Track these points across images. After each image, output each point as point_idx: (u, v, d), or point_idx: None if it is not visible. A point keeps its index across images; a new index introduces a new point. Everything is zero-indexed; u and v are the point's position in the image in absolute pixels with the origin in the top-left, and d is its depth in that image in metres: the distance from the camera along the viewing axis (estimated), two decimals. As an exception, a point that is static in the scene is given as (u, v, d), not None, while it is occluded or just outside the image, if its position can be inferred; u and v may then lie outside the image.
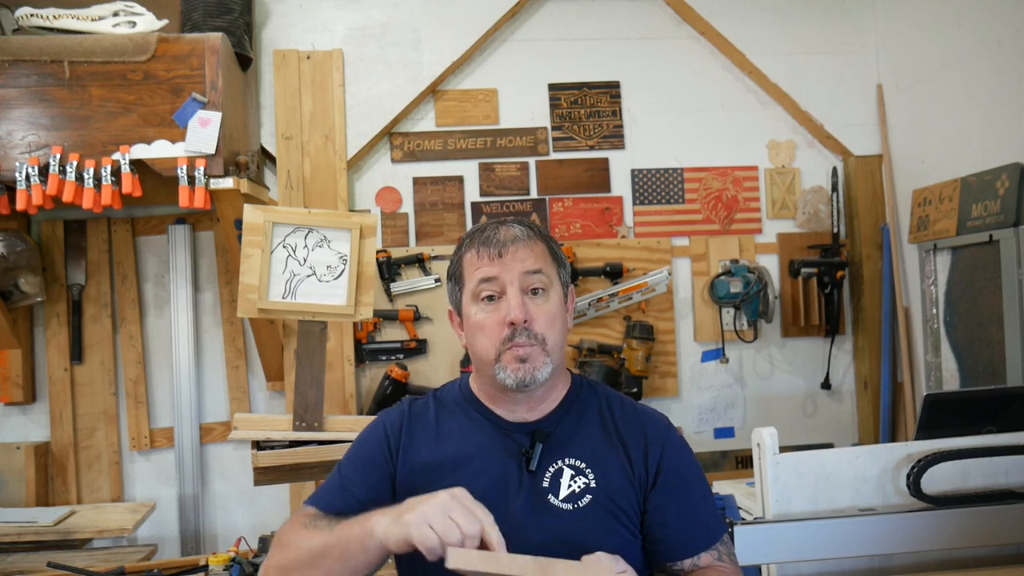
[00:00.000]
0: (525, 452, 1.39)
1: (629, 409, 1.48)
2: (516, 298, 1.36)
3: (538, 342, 1.36)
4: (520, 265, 1.37)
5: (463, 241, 1.45)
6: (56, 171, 2.57)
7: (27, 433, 3.20)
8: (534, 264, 1.38)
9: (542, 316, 1.37)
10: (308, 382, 2.49)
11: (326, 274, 2.50)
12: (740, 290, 3.40)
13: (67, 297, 3.20)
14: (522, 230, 1.41)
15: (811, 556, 1.75)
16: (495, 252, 1.38)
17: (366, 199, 3.42)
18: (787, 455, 1.80)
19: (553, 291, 1.40)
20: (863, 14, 3.59)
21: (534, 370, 1.35)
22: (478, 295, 1.39)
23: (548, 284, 1.39)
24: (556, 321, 1.39)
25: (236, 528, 3.18)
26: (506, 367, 1.36)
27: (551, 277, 1.40)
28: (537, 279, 1.38)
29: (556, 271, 1.42)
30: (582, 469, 1.38)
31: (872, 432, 3.53)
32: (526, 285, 1.37)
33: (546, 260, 1.41)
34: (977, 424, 1.94)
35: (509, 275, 1.37)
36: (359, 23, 3.35)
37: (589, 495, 1.36)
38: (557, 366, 1.41)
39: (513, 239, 1.39)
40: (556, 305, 1.40)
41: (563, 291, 1.44)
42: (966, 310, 3.03)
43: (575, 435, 1.42)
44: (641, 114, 3.56)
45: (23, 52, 2.63)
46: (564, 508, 1.35)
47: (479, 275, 1.38)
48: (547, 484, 1.37)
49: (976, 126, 2.99)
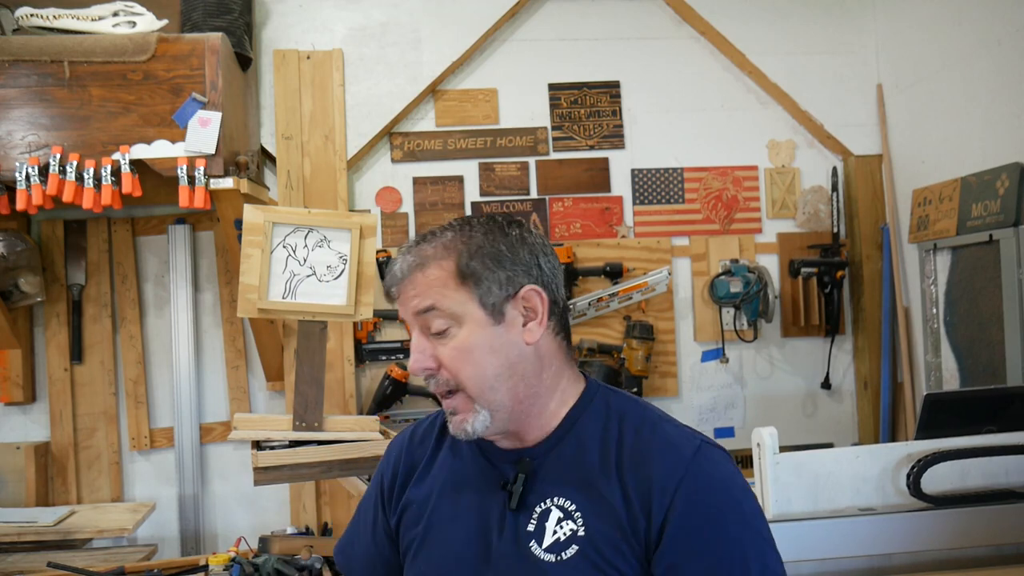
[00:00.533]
0: (505, 485, 1.16)
1: (646, 435, 1.15)
2: (415, 344, 1.16)
3: (452, 388, 1.14)
4: (409, 306, 1.15)
5: None
6: (56, 171, 2.57)
7: (27, 433, 3.20)
8: (422, 302, 1.13)
9: (446, 359, 1.13)
10: (308, 382, 2.49)
11: (326, 274, 2.50)
12: (740, 290, 3.40)
13: (67, 297, 3.20)
14: (409, 262, 1.15)
15: (811, 556, 1.75)
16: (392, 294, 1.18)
17: (366, 199, 3.42)
18: (787, 455, 1.80)
19: (462, 324, 1.13)
20: (863, 14, 3.59)
21: (462, 424, 1.15)
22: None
23: (452, 319, 1.13)
24: (470, 358, 1.13)
25: (236, 528, 3.18)
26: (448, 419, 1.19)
27: (454, 308, 1.13)
28: (430, 318, 1.13)
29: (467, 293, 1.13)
30: (571, 512, 1.12)
31: (872, 432, 3.53)
32: (427, 327, 1.14)
33: (445, 288, 1.13)
34: (977, 424, 1.94)
35: (407, 318, 1.16)
36: (359, 23, 3.35)
37: (576, 545, 1.11)
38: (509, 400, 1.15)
39: (400, 278, 1.16)
40: (466, 340, 1.13)
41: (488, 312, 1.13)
42: (966, 310, 3.03)
43: (571, 466, 1.15)
44: (641, 114, 3.56)
45: (23, 52, 2.63)
46: (546, 560, 1.11)
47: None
48: (532, 528, 1.14)
49: (976, 126, 2.99)
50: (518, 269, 1.15)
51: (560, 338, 1.20)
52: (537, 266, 1.16)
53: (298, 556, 2.43)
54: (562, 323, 1.20)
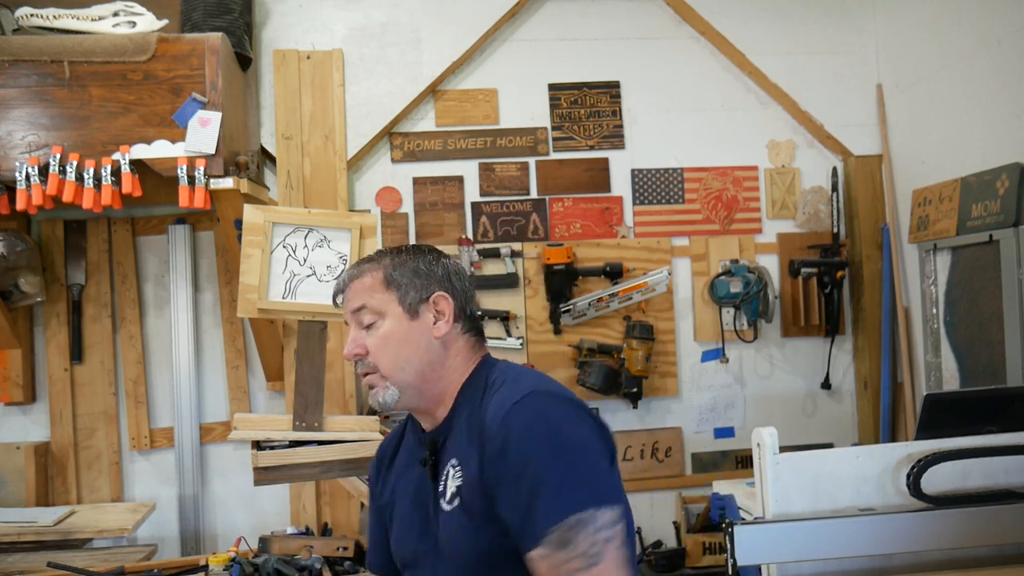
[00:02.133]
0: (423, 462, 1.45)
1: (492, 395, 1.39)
2: (350, 335, 1.48)
3: (372, 369, 1.45)
4: (347, 307, 1.48)
5: None
6: (56, 171, 2.57)
7: (27, 433, 3.20)
8: (357, 301, 1.47)
9: (371, 346, 1.45)
10: (308, 382, 2.49)
11: (326, 274, 2.50)
12: (740, 290, 3.40)
13: (67, 297, 3.20)
14: (350, 273, 1.50)
15: (811, 556, 1.75)
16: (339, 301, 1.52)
17: (366, 199, 3.42)
18: (787, 455, 1.81)
19: (385, 319, 1.44)
20: (863, 14, 3.59)
21: (377, 395, 1.46)
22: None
23: (377, 314, 1.45)
24: (389, 345, 1.44)
25: (236, 528, 3.18)
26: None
27: (380, 306, 1.44)
28: (363, 315, 1.46)
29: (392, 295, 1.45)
30: (456, 467, 1.38)
31: (872, 432, 3.53)
32: (360, 322, 1.47)
33: (374, 291, 1.45)
34: (977, 424, 1.94)
35: (347, 316, 1.49)
36: (359, 23, 3.35)
37: (458, 497, 1.36)
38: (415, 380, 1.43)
39: (343, 285, 1.50)
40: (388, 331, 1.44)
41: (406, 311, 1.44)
42: (966, 310, 3.03)
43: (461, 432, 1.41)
44: (641, 114, 3.56)
45: (23, 52, 2.63)
46: (447, 509, 1.38)
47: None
48: (441, 488, 1.40)
49: (976, 126, 2.99)
50: (432, 281, 1.47)
51: (469, 335, 1.49)
52: (448, 280, 1.49)
53: (298, 556, 2.43)
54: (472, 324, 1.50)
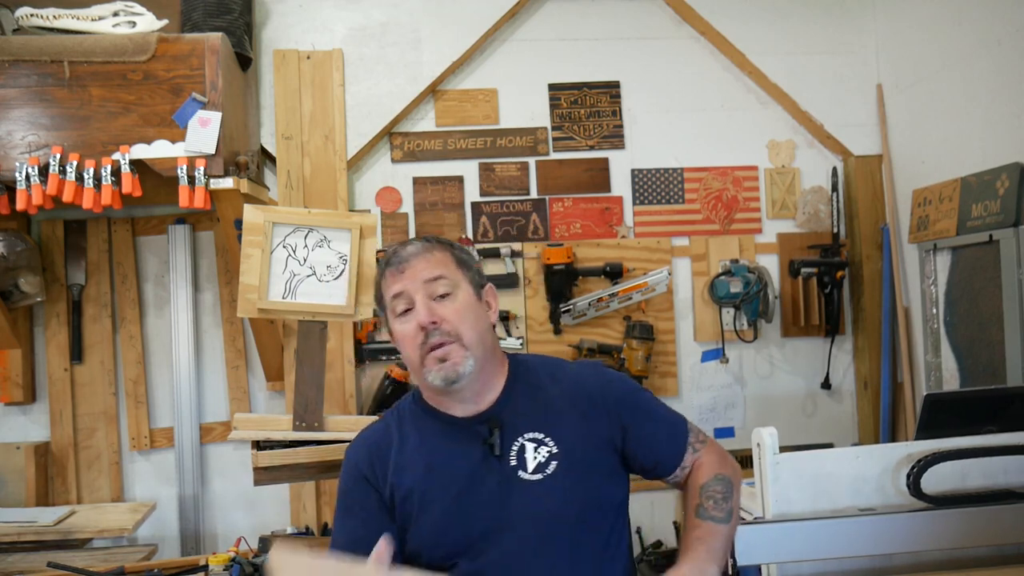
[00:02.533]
0: (487, 442, 1.50)
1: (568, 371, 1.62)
2: (422, 303, 1.49)
3: (453, 338, 1.48)
4: (421, 275, 1.51)
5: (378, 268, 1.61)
6: (56, 171, 2.57)
7: (27, 433, 3.20)
8: (433, 271, 1.51)
9: (451, 314, 1.49)
10: (308, 382, 2.49)
11: (326, 274, 2.50)
12: (740, 290, 3.40)
13: (67, 297, 3.20)
14: (420, 244, 1.56)
15: (811, 556, 1.75)
16: (398, 269, 1.53)
17: (366, 199, 3.42)
18: (787, 455, 1.81)
19: (460, 291, 1.52)
20: (863, 14, 3.59)
21: (455, 366, 1.47)
22: (395, 311, 1.53)
23: (453, 286, 1.52)
24: (467, 315, 1.51)
25: (236, 528, 3.18)
26: (430, 369, 1.49)
27: (455, 280, 1.53)
28: (440, 284, 1.51)
29: (462, 274, 1.55)
30: (542, 439, 1.50)
31: (872, 432, 3.53)
32: (431, 292, 1.50)
33: (448, 266, 1.54)
34: (977, 424, 1.94)
35: (414, 285, 1.51)
36: (359, 23, 3.35)
37: (555, 461, 1.48)
38: (484, 356, 1.52)
39: (412, 254, 1.54)
40: (465, 302, 1.52)
41: (475, 290, 1.56)
42: (966, 310, 3.03)
43: (526, 411, 1.53)
44: (641, 114, 3.56)
45: (23, 52, 2.63)
46: (535, 479, 1.47)
47: (391, 292, 1.53)
48: (514, 462, 1.49)
49: (976, 126, 2.99)
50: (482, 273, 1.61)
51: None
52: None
53: (298, 556, 2.43)
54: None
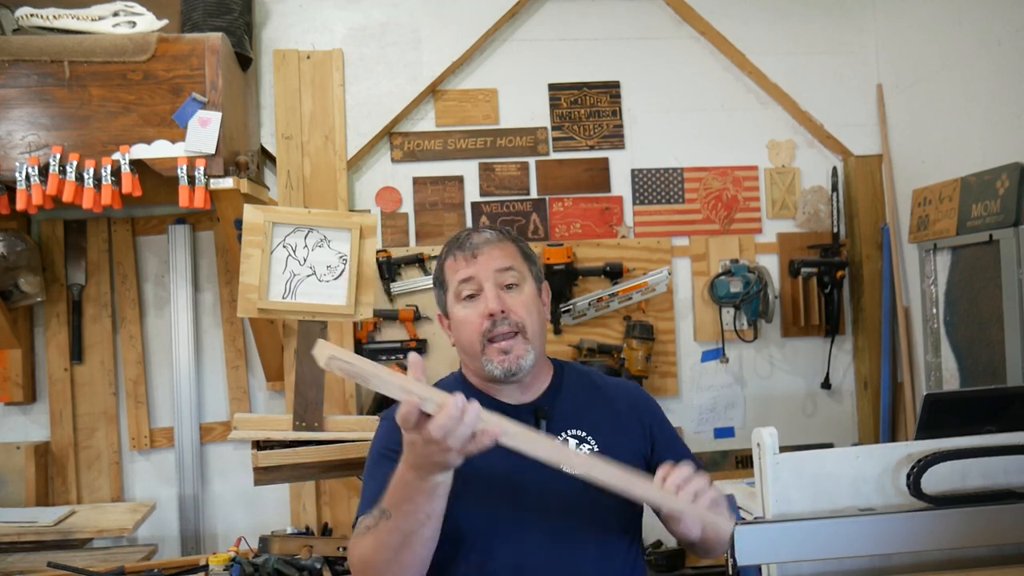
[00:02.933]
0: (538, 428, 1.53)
1: (610, 382, 1.69)
2: (492, 292, 1.51)
3: (519, 330, 1.51)
4: (493, 264, 1.53)
5: (444, 249, 1.61)
6: (56, 171, 2.57)
7: (27, 433, 3.20)
8: (505, 262, 1.54)
9: (519, 306, 1.52)
10: (308, 382, 2.49)
11: (326, 274, 2.50)
12: (740, 290, 3.40)
13: (67, 297, 3.20)
14: (492, 234, 1.58)
15: (811, 556, 1.75)
16: (470, 255, 1.54)
17: (366, 199, 3.42)
18: (787, 455, 1.81)
19: (527, 285, 1.56)
20: (863, 14, 3.59)
21: (518, 359, 1.50)
22: (460, 295, 1.54)
23: (521, 279, 1.55)
24: (532, 308, 1.54)
25: (236, 528, 3.18)
26: (491, 360, 1.51)
27: (523, 273, 1.56)
28: (510, 275, 1.54)
29: (527, 268, 1.59)
30: (584, 438, 1.55)
31: (872, 432, 3.53)
32: (500, 281, 1.53)
33: (517, 258, 1.57)
34: (977, 424, 1.94)
35: (484, 273, 1.53)
36: (359, 23, 3.35)
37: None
38: (540, 352, 1.56)
39: (485, 242, 1.56)
40: (531, 296, 1.55)
41: (536, 286, 1.59)
42: (966, 310, 3.03)
43: (571, 409, 1.58)
44: (641, 114, 3.56)
45: (23, 52, 2.63)
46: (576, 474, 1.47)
47: (458, 277, 1.55)
48: None
49: (976, 126, 2.99)
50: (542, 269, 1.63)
51: None
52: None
53: (298, 556, 2.43)
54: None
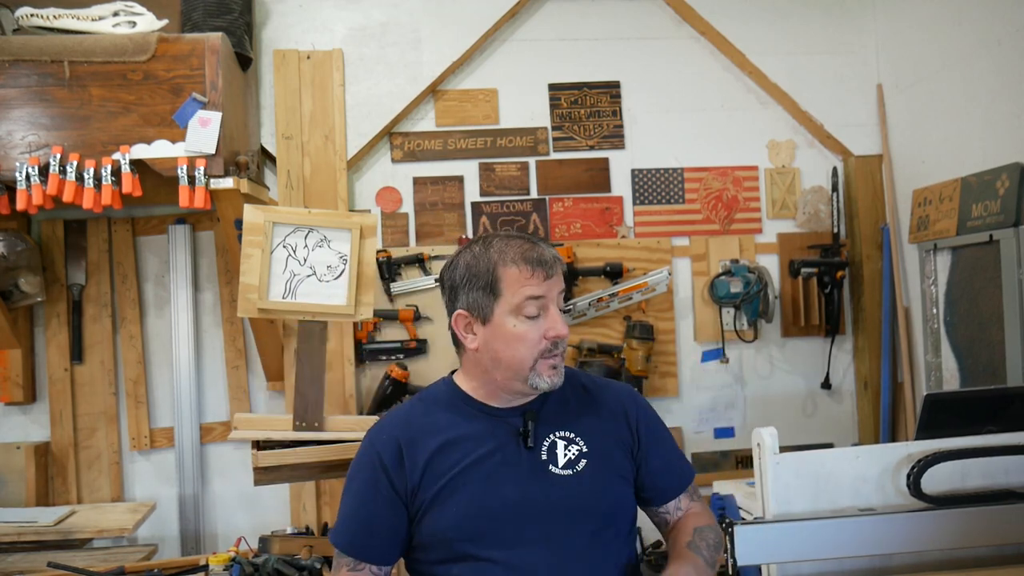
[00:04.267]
0: (522, 432, 1.57)
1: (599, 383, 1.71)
2: (559, 317, 1.56)
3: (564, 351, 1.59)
4: (558, 287, 1.57)
5: (496, 253, 1.55)
6: (56, 171, 2.57)
7: (27, 433, 3.20)
8: (561, 285, 1.58)
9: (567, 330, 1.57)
10: (308, 382, 2.49)
11: (326, 274, 2.50)
12: (740, 290, 3.40)
13: (67, 297, 3.20)
14: (553, 253, 1.58)
15: (811, 556, 1.75)
16: (544, 273, 1.54)
17: (366, 199, 3.42)
18: (787, 455, 1.80)
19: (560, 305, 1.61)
20: (863, 14, 3.59)
21: (561, 375, 1.58)
22: (521, 309, 1.53)
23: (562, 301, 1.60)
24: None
25: (236, 528, 3.18)
26: (541, 374, 1.54)
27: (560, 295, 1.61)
28: (561, 298, 1.59)
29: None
30: (572, 439, 1.59)
31: (872, 432, 3.53)
32: (559, 304, 1.58)
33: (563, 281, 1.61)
34: (977, 424, 1.94)
35: (552, 295, 1.55)
36: (359, 23, 3.35)
37: (584, 459, 1.57)
38: None
39: (553, 261, 1.56)
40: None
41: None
42: (966, 310, 3.03)
43: (559, 411, 1.62)
44: (641, 114, 3.56)
45: (23, 52, 2.63)
46: (564, 474, 1.55)
47: (527, 292, 1.52)
48: (545, 456, 1.56)
49: (976, 126, 2.99)
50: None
51: None
52: None
53: (298, 556, 2.43)
54: None
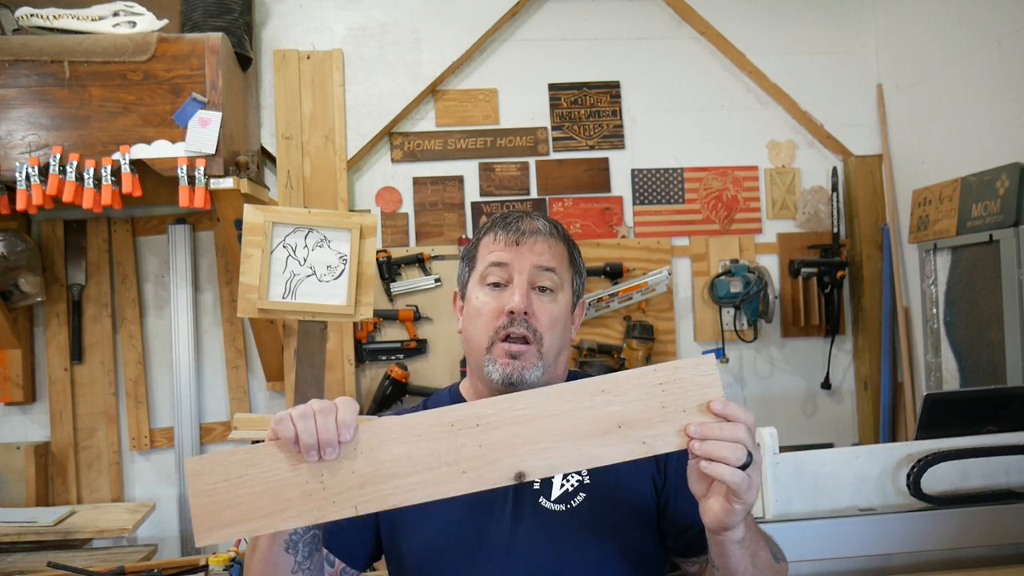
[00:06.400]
0: None
1: None
2: (522, 287, 1.30)
3: (535, 340, 1.29)
4: (534, 258, 1.32)
5: (486, 223, 1.40)
6: (56, 171, 2.57)
7: (27, 433, 3.20)
8: (549, 261, 1.33)
9: (545, 314, 1.30)
10: (308, 382, 2.49)
11: (326, 274, 2.50)
12: (740, 290, 3.40)
13: (67, 297, 3.20)
14: (546, 225, 1.37)
15: (811, 556, 1.75)
16: (512, 239, 1.33)
17: (366, 199, 3.42)
18: (787, 455, 1.80)
19: (562, 294, 1.34)
20: (863, 14, 3.59)
21: (523, 369, 1.28)
22: (484, 278, 1.34)
23: (558, 286, 1.34)
24: (558, 324, 1.32)
25: (236, 528, 3.18)
26: (495, 360, 1.29)
27: (563, 280, 1.35)
28: (548, 277, 1.32)
29: (571, 277, 1.38)
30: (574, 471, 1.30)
31: (872, 432, 3.53)
32: (535, 280, 1.32)
33: (562, 262, 1.36)
34: (977, 424, 1.94)
35: (520, 264, 1.32)
36: (359, 23, 3.35)
37: (583, 493, 1.31)
38: (550, 371, 1.33)
39: (535, 231, 1.34)
40: (562, 309, 1.34)
41: (573, 299, 1.38)
42: (966, 310, 3.03)
43: None
44: (641, 114, 3.56)
45: (23, 52, 2.63)
46: (556, 509, 1.30)
47: (490, 258, 1.33)
48: (538, 486, 1.31)
49: (976, 126, 2.99)
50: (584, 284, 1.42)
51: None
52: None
53: (298, 556, 2.42)
54: None
